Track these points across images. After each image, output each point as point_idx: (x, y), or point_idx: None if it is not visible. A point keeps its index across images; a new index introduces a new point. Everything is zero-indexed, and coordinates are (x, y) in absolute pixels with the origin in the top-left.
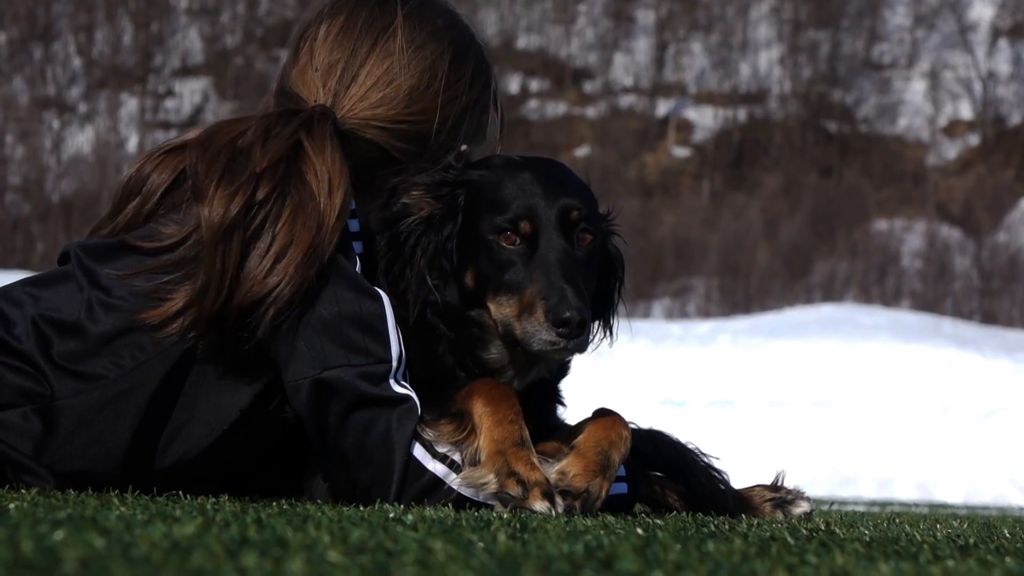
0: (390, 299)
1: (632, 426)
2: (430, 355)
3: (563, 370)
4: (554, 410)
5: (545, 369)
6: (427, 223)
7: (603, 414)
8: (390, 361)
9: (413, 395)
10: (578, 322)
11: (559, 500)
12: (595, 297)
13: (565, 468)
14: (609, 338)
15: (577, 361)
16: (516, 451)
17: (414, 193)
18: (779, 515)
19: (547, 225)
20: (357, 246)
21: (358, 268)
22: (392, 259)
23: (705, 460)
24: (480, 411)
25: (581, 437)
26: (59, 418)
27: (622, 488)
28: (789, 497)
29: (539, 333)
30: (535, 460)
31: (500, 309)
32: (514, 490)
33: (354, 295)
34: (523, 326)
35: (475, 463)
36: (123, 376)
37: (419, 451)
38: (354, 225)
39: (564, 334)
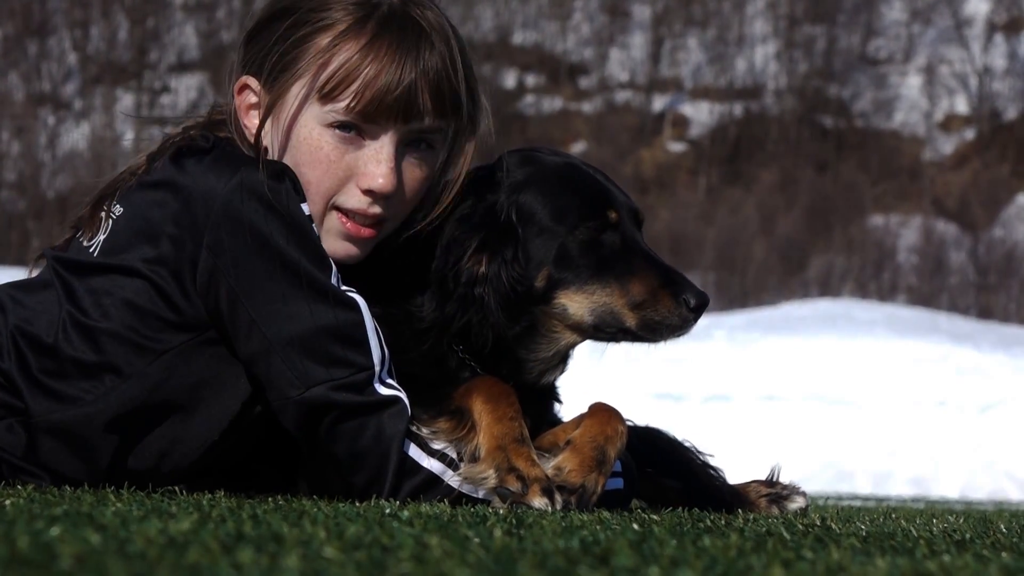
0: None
1: (628, 423)
2: (433, 358)
3: (551, 395)
4: (551, 406)
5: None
6: (489, 269)
7: (599, 409)
8: (372, 367)
9: (401, 394)
10: (706, 303)
11: (558, 497)
12: None
13: (561, 464)
14: None
15: (574, 356)
16: (516, 447)
17: (464, 250)
18: (775, 510)
19: (626, 216)
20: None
21: (334, 274)
22: (456, 313)
23: (701, 458)
24: (480, 408)
25: (577, 432)
26: (37, 433)
27: (618, 483)
28: (785, 492)
29: (668, 319)
30: (535, 456)
31: (591, 298)
32: (514, 485)
33: (329, 307)
34: (645, 314)
35: (474, 460)
36: (100, 398)
37: (414, 449)
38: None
39: (695, 318)
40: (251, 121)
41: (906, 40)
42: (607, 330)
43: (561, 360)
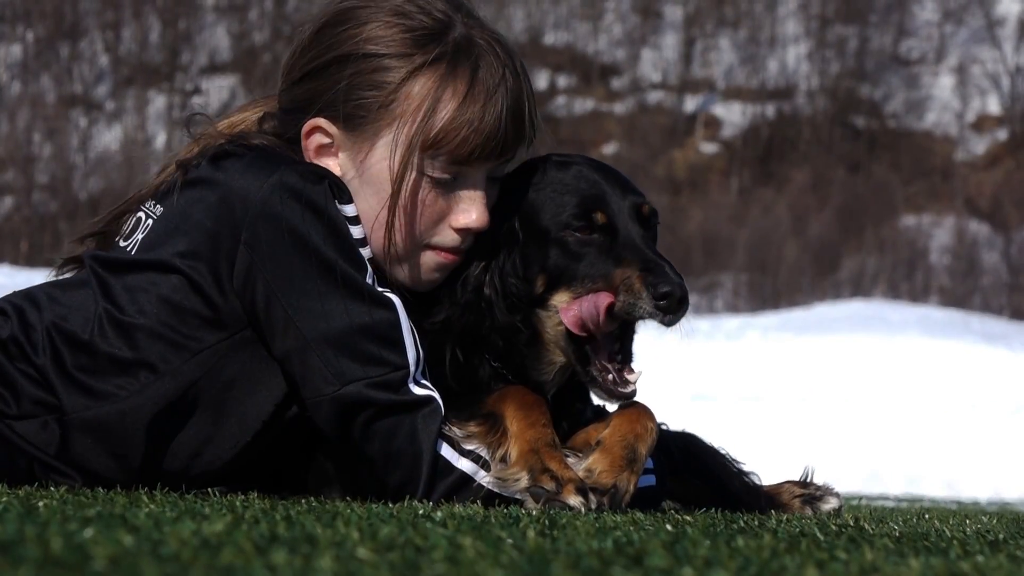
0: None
1: (663, 426)
2: (468, 370)
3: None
4: (584, 409)
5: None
6: (493, 274)
7: (629, 406)
8: (407, 367)
9: (435, 394)
10: (679, 297)
11: (592, 496)
12: None
13: (591, 465)
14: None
15: None
16: (548, 451)
17: (473, 259)
18: (808, 511)
19: (621, 214)
20: (366, 251)
21: (369, 274)
22: (461, 316)
23: (737, 466)
24: (512, 414)
25: (607, 432)
26: (71, 430)
27: (651, 480)
28: (818, 493)
29: (639, 303)
30: (567, 461)
31: (577, 292)
32: (548, 485)
33: (364, 306)
34: (622, 298)
35: (505, 463)
36: (134, 394)
37: (447, 449)
38: (358, 232)
39: (663, 307)
40: (322, 161)
41: (938, 40)
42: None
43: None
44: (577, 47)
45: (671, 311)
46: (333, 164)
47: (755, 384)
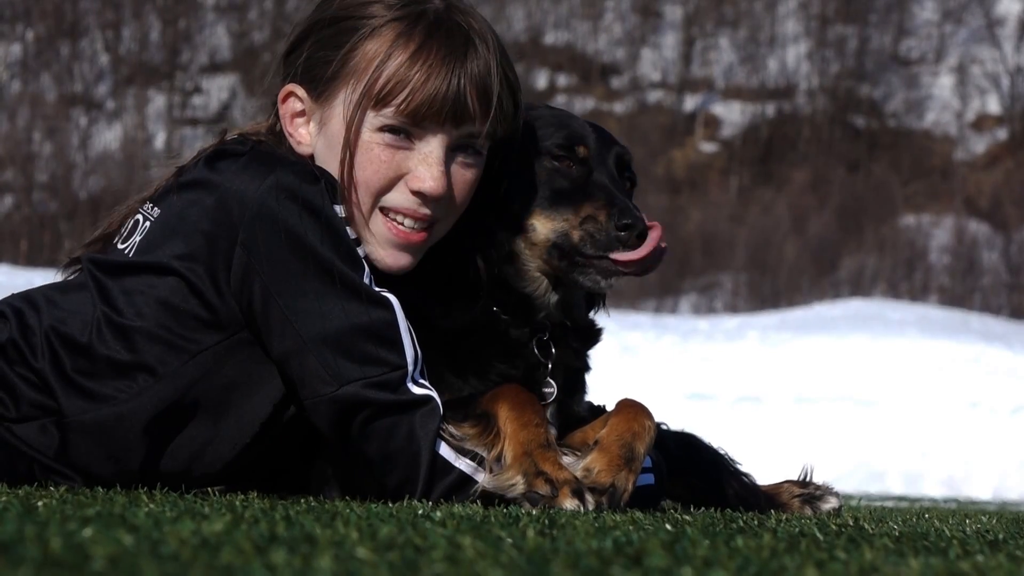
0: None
1: (663, 426)
2: (470, 300)
3: (591, 337)
4: (580, 401)
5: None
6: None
7: (626, 406)
8: (405, 366)
9: (434, 394)
10: (640, 231)
11: (588, 498)
12: None
13: (589, 465)
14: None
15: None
16: (542, 452)
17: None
18: (807, 511)
19: (601, 155)
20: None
21: (367, 274)
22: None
23: (734, 466)
24: (505, 415)
25: (604, 431)
26: (70, 433)
27: (649, 479)
28: (817, 493)
29: (600, 232)
30: (561, 460)
31: (552, 223)
32: (543, 489)
33: (362, 305)
34: (586, 228)
35: (500, 466)
36: (133, 397)
37: (445, 449)
38: (351, 232)
39: (623, 239)
40: (296, 130)
41: (938, 40)
42: (564, 248)
43: (562, 293)
44: (577, 46)
45: (627, 244)
46: (305, 132)
47: (754, 384)
